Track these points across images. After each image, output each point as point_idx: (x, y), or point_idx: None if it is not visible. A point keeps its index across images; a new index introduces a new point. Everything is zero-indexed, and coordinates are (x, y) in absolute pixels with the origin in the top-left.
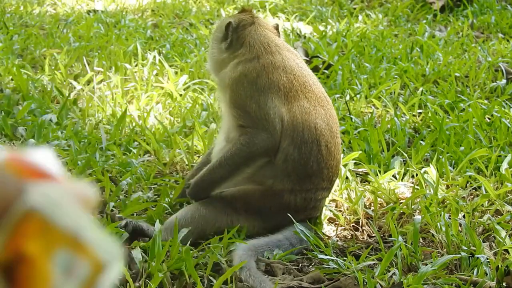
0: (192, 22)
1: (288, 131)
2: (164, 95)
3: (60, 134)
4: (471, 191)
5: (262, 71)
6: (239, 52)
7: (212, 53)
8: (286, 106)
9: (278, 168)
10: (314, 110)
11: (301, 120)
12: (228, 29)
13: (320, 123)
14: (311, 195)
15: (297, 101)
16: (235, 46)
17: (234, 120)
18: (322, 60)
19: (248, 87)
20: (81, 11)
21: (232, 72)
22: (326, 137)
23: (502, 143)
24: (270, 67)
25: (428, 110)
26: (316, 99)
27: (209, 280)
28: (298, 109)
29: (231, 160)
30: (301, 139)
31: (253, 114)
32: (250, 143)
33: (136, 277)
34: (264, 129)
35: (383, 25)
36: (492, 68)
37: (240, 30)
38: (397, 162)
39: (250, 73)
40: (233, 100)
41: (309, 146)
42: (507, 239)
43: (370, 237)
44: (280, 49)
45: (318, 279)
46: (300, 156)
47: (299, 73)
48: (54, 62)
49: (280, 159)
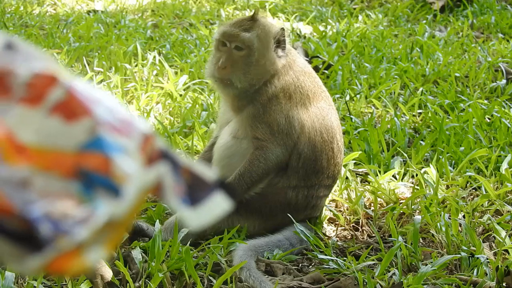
0: (192, 22)
1: (306, 134)
2: (164, 95)
3: None
4: (471, 191)
5: (297, 82)
6: (285, 61)
7: (264, 65)
8: (309, 109)
9: (289, 167)
10: (329, 109)
11: (320, 121)
12: (283, 36)
13: (334, 122)
14: (313, 192)
15: (317, 102)
16: (284, 55)
17: (250, 130)
18: (322, 60)
19: (283, 102)
20: (81, 11)
21: (274, 85)
22: (337, 135)
23: (502, 143)
24: (300, 75)
25: (428, 110)
26: (328, 98)
27: (209, 280)
28: (318, 110)
29: (248, 177)
30: (318, 138)
31: (276, 128)
32: (267, 159)
33: (136, 277)
34: (281, 144)
35: (383, 25)
36: (492, 68)
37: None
38: (397, 162)
39: (289, 86)
40: (260, 114)
41: (324, 145)
42: (507, 239)
43: (370, 237)
44: (294, 51)
45: (318, 279)
46: (313, 154)
47: (313, 74)
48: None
49: (294, 158)
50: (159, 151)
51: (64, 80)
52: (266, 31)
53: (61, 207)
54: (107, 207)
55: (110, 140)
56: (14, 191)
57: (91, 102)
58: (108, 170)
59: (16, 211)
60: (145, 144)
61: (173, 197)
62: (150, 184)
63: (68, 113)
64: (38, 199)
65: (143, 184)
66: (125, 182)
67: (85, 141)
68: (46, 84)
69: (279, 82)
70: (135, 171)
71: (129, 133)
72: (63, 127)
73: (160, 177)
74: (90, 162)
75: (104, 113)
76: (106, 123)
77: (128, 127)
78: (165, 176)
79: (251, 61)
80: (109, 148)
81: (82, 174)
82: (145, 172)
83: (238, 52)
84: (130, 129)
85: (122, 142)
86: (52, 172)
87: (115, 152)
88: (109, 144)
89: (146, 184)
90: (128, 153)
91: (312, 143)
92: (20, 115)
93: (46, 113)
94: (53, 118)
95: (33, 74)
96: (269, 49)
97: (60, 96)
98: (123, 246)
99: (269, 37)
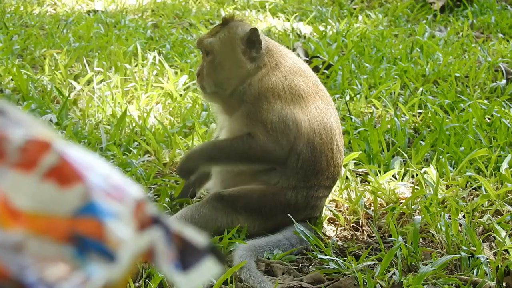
0: (192, 22)
1: (305, 134)
2: (164, 95)
3: (60, 134)
4: (471, 191)
5: (286, 81)
6: (265, 61)
7: (229, 70)
8: (305, 109)
9: (288, 167)
10: (327, 109)
11: (318, 121)
12: (256, 37)
13: (333, 122)
14: (312, 193)
15: (314, 102)
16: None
17: (246, 127)
18: (322, 60)
19: (273, 101)
20: (81, 11)
21: (257, 85)
22: (337, 135)
23: (502, 143)
24: (290, 74)
25: (428, 110)
26: (326, 98)
27: (209, 280)
28: (316, 110)
29: (230, 150)
30: (317, 139)
31: (269, 126)
32: (252, 144)
33: (136, 277)
34: (275, 142)
35: (383, 25)
36: (492, 68)
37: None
38: (397, 162)
39: (276, 85)
40: (252, 113)
41: (323, 146)
42: (507, 239)
43: (370, 237)
44: (286, 51)
45: (318, 279)
46: (312, 155)
47: (309, 74)
48: (54, 62)
49: (292, 160)
50: (151, 217)
51: (57, 146)
52: (231, 34)
53: (56, 272)
54: (102, 272)
55: (103, 205)
56: (9, 255)
57: (84, 168)
58: (102, 235)
59: (12, 276)
60: (137, 209)
61: (165, 262)
62: (143, 249)
63: (62, 178)
64: (33, 263)
65: (136, 249)
66: (118, 247)
67: (79, 207)
68: (39, 149)
69: (262, 82)
70: (128, 236)
71: (122, 198)
72: (57, 193)
73: (152, 242)
74: (84, 227)
75: (96, 178)
76: (99, 189)
77: (120, 192)
78: (157, 241)
79: (215, 66)
80: (102, 214)
81: (76, 239)
82: (138, 237)
83: (207, 57)
84: (122, 195)
85: (115, 208)
86: (46, 236)
87: (109, 218)
88: (102, 210)
89: (139, 249)
90: (121, 218)
91: (311, 144)
92: (14, 180)
93: (39, 178)
94: (46, 184)
95: (26, 140)
96: (234, 52)
97: (53, 161)
98: None
99: (235, 40)
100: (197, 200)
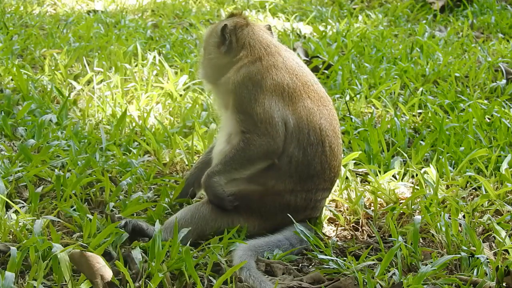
0: (192, 22)
1: (294, 134)
2: (164, 95)
3: (60, 134)
4: (471, 191)
5: (266, 73)
6: (241, 55)
7: (209, 60)
8: (291, 107)
9: (281, 170)
10: (318, 110)
11: (306, 122)
12: (225, 32)
13: (324, 123)
14: (311, 196)
15: (301, 101)
16: (236, 49)
17: (237, 125)
18: (322, 60)
19: (253, 90)
20: (81, 11)
21: (235, 76)
22: (330, 137)
23: (502, 143)
24: (273, 68)
25: (428, 110)
26: (318, 99)
27: (209, 280)
28: (303, 110)
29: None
30: (307, 141)
31: (256, 118)
32: (246, 149)
33: (136, 277)
34: (265, 134)
35: (383, 25)
36: (492, 68)
37: (238, 32)
38: (397, 162)
39: (255, 75)
40: (238, 104)
41: (314, 148)
42: (507, 239)
43: (370, 237)
44: (279, 49)
45: (318, 279)
46: (304, 158)
47: (300, 73)
48: (54, 62)
49: (284, 161)
50: None
51: None
52: (210, 30)
53: None
54: None
55: None
56: None
57: None
58: None
59: None
60: None
61: None
62: None
63: None
64: None
65: None
66: None
67: None
68: None
69: (240, 72)
70: None
71: None
72: None
73: None
74: None
75: None
76: None
77: None
78: None
79: (203, 55)
80: None
81: None
82: None
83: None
84: None
85: None
86: None
87: None
88: None
89: None
90: None
91: (302, 147)
92: None
93: None
94: None
95: None
96: (211, 44)
97: None
98: (123, 246)
99: (212, 35)
100: (197, 200)
